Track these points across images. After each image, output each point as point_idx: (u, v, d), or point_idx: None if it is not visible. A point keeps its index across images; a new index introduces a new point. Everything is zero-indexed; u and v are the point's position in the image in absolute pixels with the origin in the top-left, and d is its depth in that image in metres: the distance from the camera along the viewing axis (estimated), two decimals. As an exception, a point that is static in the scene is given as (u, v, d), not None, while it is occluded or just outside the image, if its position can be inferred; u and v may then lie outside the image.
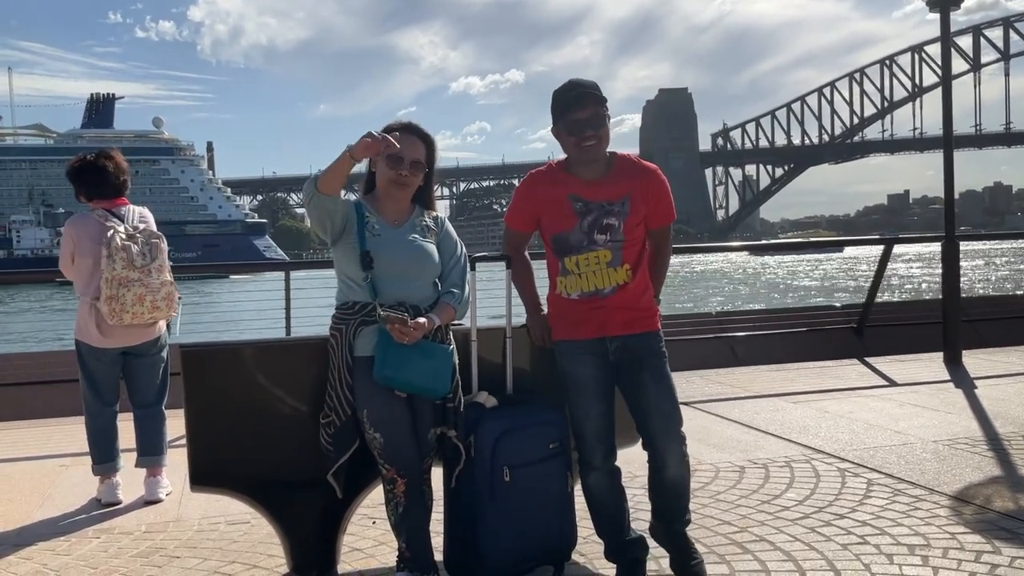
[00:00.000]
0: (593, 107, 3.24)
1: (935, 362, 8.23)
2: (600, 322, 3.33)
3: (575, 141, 3.27)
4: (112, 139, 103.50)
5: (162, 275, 4.68)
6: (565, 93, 3.30)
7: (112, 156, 4.89)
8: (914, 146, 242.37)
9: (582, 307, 3.34)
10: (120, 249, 4.54)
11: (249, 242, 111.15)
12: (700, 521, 4.06)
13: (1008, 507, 4.12)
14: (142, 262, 4.59)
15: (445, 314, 3.24)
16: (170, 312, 4.74)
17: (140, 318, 4.58)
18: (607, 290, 3.31)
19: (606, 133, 3.28)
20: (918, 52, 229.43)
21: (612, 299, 3.31)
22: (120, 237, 4.57)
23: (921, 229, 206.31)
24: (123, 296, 4.51)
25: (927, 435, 5.53)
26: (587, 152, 3.28)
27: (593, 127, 3.24)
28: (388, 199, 3.28)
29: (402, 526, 3.18)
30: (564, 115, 3.28)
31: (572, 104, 3.26)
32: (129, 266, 4.54)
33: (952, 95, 8.65)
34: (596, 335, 3.33)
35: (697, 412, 6.39)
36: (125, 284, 4.52)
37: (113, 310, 4.51)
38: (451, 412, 3.25)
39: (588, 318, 3.33)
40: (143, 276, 4.58)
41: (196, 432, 3.27)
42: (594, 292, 3.32)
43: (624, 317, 3.34)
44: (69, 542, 4.10)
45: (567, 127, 3.27)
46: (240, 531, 4.12)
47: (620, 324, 3.34)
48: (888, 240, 10.33)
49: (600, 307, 3.32)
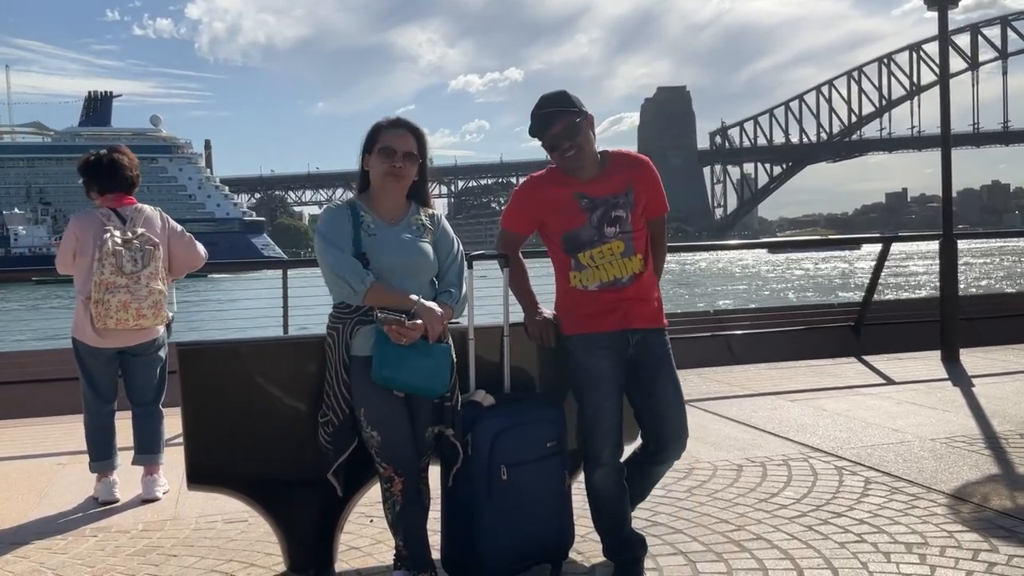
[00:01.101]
0: (563, 121, 3.32)
1: (933, 360, 8.24)
2: (623, 314, 3.37)
3: (557, 155, 3.36)
4: (110, 137, 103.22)
5: (152, 283, 4.63)
6: (535, 115, 3.39)
7: (125, 152, 4.94)
8: (912, 144, 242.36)
9: (603, 298, 3.37)
10: (110, 254, 4.53)
11: (247, 240, 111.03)
12: (698, 519, 4.07)
13: (1005, 505, 4.12)
14: (131, 268, 4.57)
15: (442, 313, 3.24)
16: (157, 320, 4.68)
17: (124, 324, 4.56)
18: (625, 279, 3.37)
19: (586, 137, 3.35)
20: (916, 50, 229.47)
21: (630, 289, 3.37)
22: (113, 241, 4.56)
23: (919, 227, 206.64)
24: (108, 301, 4.50)
25: (924, 433, 5.53)
26: (570, 161, 3.36)
27: (569, 138, 3.32)
28: (383, 194, 3.28)
29: (399, 525, 3.18)
30: (541, 133, 3.38)
31: (544, 124, 3.36)
32: (117, 272, 4.52)
33: (950, 93, 8.66)
34: (618, 327, 3.36)
35: (695, 410, 6.38)
36: (111, 289, 4.51)
37: (99, 314, 4.51)
38: (448, 411, 3.25)
39: (611, 309, 3.36)
40: (130, 283, 4.55)
41: (193, 430, 3.27)
42: (613, 281, 3.36)
43: (645, 311, 3.41)
44: (66, 540, 4.09)
45: (547, 144, 3.38)
46: (237, 529, 4.12)
47: (642, 318, 3.40)
48: (886, 239, 10.34)
49: (621, 299, 3.36)
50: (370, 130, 3.28)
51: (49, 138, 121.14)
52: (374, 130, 3.27)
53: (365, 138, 3.28)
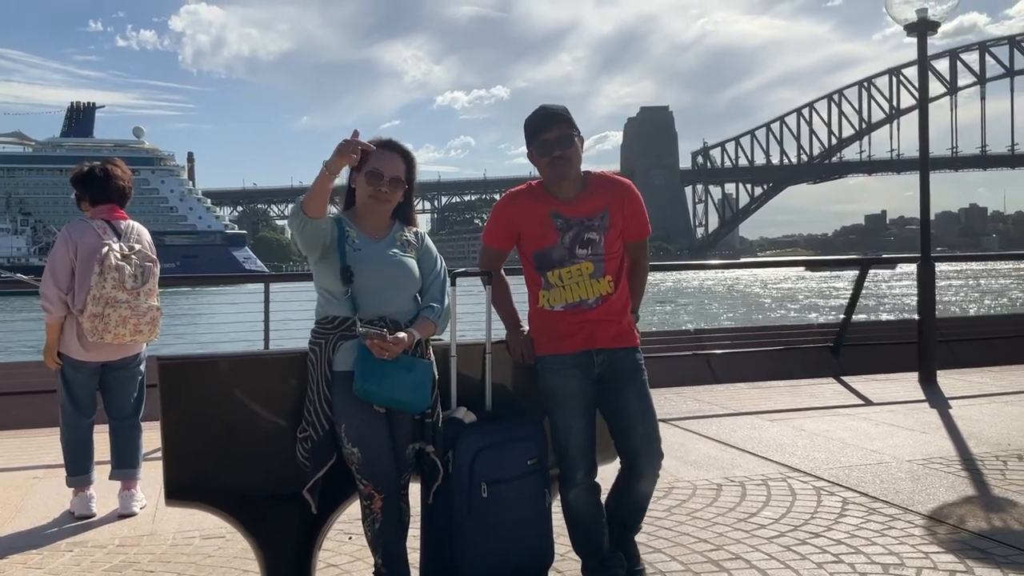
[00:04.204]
0: (560, 128, 3.35)
1: (910, 382, 8.31)
2: (587, 335, 3.38)
3: (546, 161, 3.36)
4: (92, 148, 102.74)
5: (150, 299, 4.65)
6: (534, 117, 3.41)
7: (119, 164, 4.94)
8: (892, 167, 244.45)
9: (568, 319, 3.38)
10: (113, 268, 4.50)
11: (229, 253, 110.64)
12: (677, 539, 4.08)
13: (981, 527, 4.15)
14: (133, 284, 4.56)
15: (425, 328, 3.24)
16: (151, 336, 4.69)
17: (121, 339, 4.55)
18: (591, 300, 3.37)
19: (575, 152, 3.37)
20: (896, 75, 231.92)
21: (597, 311, 3.37)
22: (115, 256, 4.53)
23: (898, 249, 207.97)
24: (108, 315, 4.47)
25: (902, 454, 5.57)
26: (558, 170, 3.36)
27: (561, 146, 3.34)
28: (368, 214, 3.29)
29: (378, 542, 3.17)
30: (534, 138, 3.39)
31: (540, 126, 3.37)
32: (120, 287, 4.50)
33: (929, 117, 8.76)
34: (583, 348, 3.37)
35: (675, 429, 6.41)
36: (112, 304, 4.49)
37: (95, 327, 4.47)
38: (429, 428, 3.25)
39: (575, 331, 3.37)
40: (131, 299, 4.54)
41: (172, 445, 3.25)
42: (578, 303, 3.37)
43: (611, 331, 3.41)
44: (41, 555, 4.05)
45: (537, 148, 3.38)
46: (215, 546, 4.09)
47: (607, 338, 3.40)
48: (864, 261, 10.45)
49: (586, 320, 3.37)
50: None
51: (30, 148, 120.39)
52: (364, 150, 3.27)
53: None
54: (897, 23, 8.42)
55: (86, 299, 4.49)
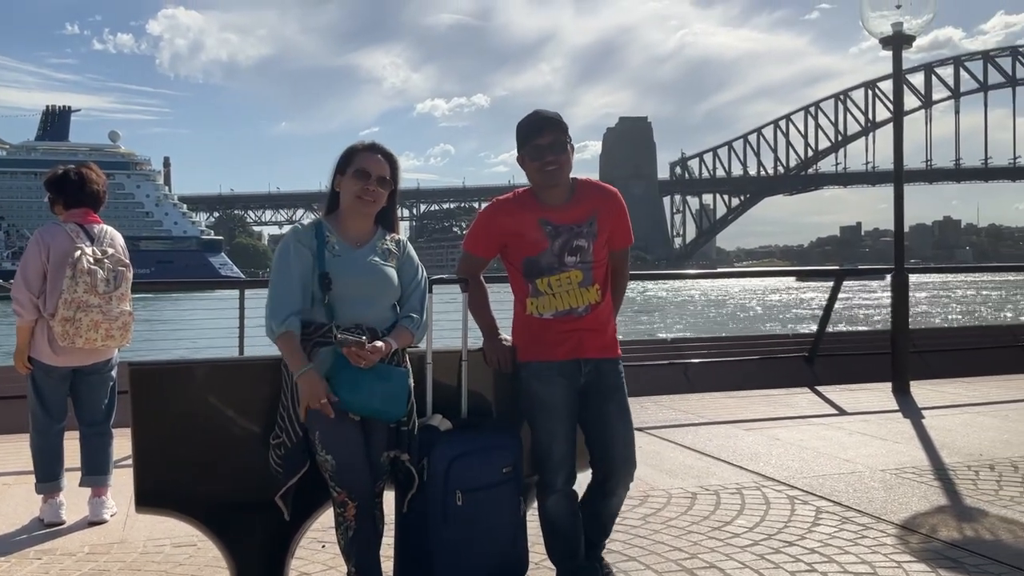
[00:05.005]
0: (553, 134, 3.34)
1: (884, 392, 8.37)
2: (576, 344, 3.38)
3: (537, 166, 3.35)
4: (67, 152, 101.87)
5: (122, 304, 4.60)
6: (528, 121, 3.40)
7: (93, 168, 4.90)
8: (867, 180, 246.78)
9: (557, 327, 3.38)
10: (85, 272, 4.45)
11: (204, 259, 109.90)
12: (651, 547, 4.08)
13: (953, 536, 4.19)
14: (105, 288, 4.51)
15: (402, 338, 3.23)
16: (123, 341, 4.65)
17: (92, 343, 4.50)
18: (581, 309, 3.38)
19: (567, 159, 3.36)
20: (872, 88, 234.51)
21: (586, 319, 3.39)
22: (88, 260, 4.49)
23: (873, 260, 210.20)
24: (79, 320, 4.43)
25: (875, 464, 5.61)
26: (549, 176, 3.35)
27: (554, 152, 3.32)
28: (352, 217, 3.27)
29: (352, 550, 3.15)
30: (527, 142, 3.37)
31: (534, 131, 3.36)
32: (92, 291, 4.46)
33: (903, 131, 8.84)
34: (571, 356, 3.38)
35: (650, 438, 6.42)
36: (84, 308, 4.44)
37: (66, 332, 4.42)
38: (404, 435, 3.23)
39: (564, 339, 3.38)
40: (103, 303, 4.50)
41: (143, 452, 3.21)
42: (568, 311, 3.38)
43: (599, 341, 3.42)
44: (9, 563, 3.99)
45: (529, 153, 3.36)
46: (186, 554, 4.05)
47: (596, 348, 3.41)
48: (839, 273, 10.54)
49: (575, 328, 3.38)
50: (345, 151, 3.28)
51: (4, 151, 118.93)
52: (349, 152, 3.27)
53: (339, 159, 3.27)
54: (873, 36, 8.51)
55: (57, 303, 4.44)
